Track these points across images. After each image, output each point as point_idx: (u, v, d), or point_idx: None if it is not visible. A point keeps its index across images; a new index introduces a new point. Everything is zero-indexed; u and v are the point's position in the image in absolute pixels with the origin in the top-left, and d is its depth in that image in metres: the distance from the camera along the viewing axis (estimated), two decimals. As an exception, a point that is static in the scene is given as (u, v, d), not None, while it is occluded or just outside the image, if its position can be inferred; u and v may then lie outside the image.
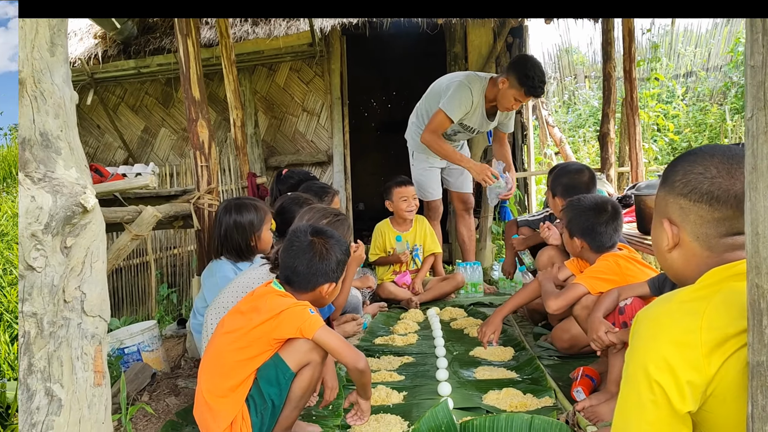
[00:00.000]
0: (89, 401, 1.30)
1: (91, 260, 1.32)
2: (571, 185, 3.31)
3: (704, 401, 1.19)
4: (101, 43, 6.28)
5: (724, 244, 1.31)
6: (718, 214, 1.30)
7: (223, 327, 2.11)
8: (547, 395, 2.48)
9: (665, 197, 1.40)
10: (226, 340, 2.05)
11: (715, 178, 1.31)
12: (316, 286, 2.18)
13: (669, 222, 1.38)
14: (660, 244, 1.42)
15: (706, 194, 1.31)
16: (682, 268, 1.39)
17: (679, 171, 1.37)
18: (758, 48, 1.02)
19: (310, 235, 2.17)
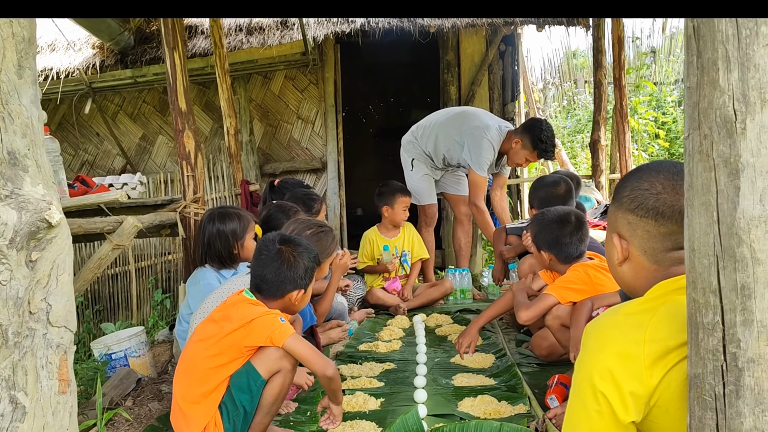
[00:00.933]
0: (54, 408, 1.35)
1: (57, 273, 1.38)
2: (546, 198, 3.38)
3: (648, 412, 1.23)
4: (99, 53, 6.37)
5: (671, 258, 1.35)
6: (664, 229, 1.35)
7: (196, 335, 2.17)
8: (521, 402, 2.52)
9: (615, 212, 1.44)
10: (199, 348, 2.11)
11: (660, 194, 1.35)
12: (285, 294, 2.23)
13: (618, 236, 1.42)
14: (611, 257, 1.47)
15: (652, 210, 1.35)
16: (632, 280, 1.43)
17: (627, 187, 1.41)
18: (693, 70, 1.07)
19: (278, 243, 2.24)
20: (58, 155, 2.62)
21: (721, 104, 1.01)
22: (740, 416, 1.04)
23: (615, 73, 5.36)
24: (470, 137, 4.62)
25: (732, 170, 1.01)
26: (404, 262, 4.81)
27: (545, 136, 4.39)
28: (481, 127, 4.63)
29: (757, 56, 0.99)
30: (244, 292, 2.22)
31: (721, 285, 1.04)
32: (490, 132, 4.59)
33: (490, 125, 4.65)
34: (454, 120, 4.85)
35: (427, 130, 4.94)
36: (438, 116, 5.00)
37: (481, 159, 4.58)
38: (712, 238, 1.05)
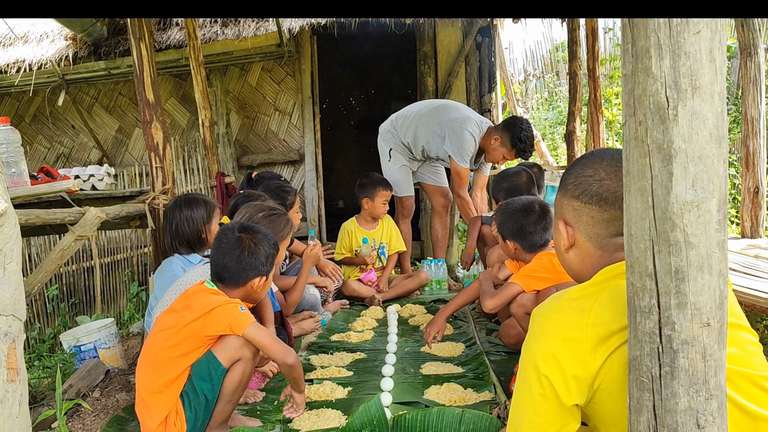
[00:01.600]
0: (2, 396, 1.35)
1: (4, 261, 1.37)
2: (510, 188, 3.41)
3: (592, 395, 1.25)
4: (72, 45, 6.30)
5: (614, 243, 1.37)
6: (607, 215, 1.37)
7: (157, 325, 2.17)
8: (487, 390, 2.55)
9: (561, 199, 1.46)
10: (160, 338, 2.11)
11: (604, 180, 1.37)
12: (247, 281, 2.24)
13: (564, 223, 1.44)
14: (558, 244, 1.48)
15: (596, 196, 1.37)
16: (578, 266, 1.45)
17: (572, 174, 1.43)
18: (628, 58, 1.09)
19: (237, 231, 2.24)
20: (18, 146, 2.60)
21: (654, 91, 1.03)
22: (675, 396, 1.06)
23: (589, 64, 5.39)
24: (451, 129, 4.64)
25: (665, 156, 1.03)
26: (381, 254, 4.81)
27: (524, 136, 4.44)
28: (462, 119, 4.66)
29: (688, 44, 1.01)
30: (205, 283, 2.22)
31: (656, 269, 1.06)
32: (471, 124, 4.62)
33: (471, 117, 4.69)
34: (434, 112, 4.86)
35: (407, 120, 4.94)
36: (418, 107, 5.01)
37: (463, 150, 4.61)
38: (648, 222, 1.06)
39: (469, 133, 4.59)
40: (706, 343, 1.04)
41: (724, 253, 1.04)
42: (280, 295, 3.42)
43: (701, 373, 1.05)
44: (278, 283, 3.51)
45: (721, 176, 1.02)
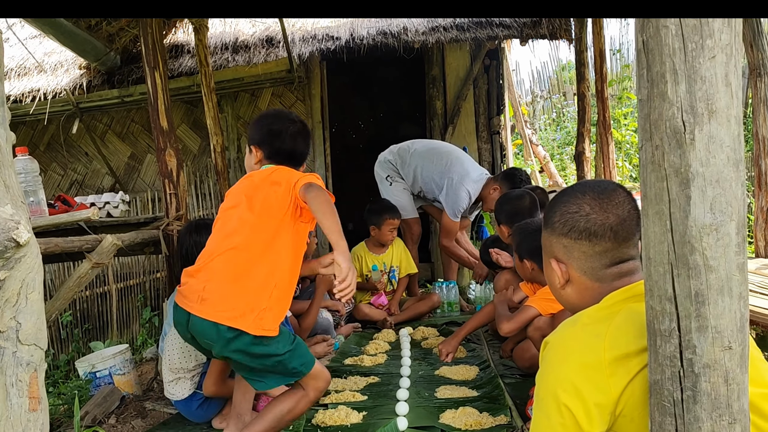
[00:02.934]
0: (24, 426, 1.36)
1: (26, 291, 1.39)
2: (513, 212, 3.40)
3: (614, 421, 1.23)
4: (86, 74, 6.38)
5: (611, 273, 1.37)
6: (599, 248, 1.36)
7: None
8: (503, 413, 2.53)
9: (549, 238, 1.45)
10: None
11: (590, 215, 1.37)
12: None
13: (556, 261, 1.43)
14: (553, 281, 1.47)
15: (584, 231, 1.37)
16: (578, 301, 1.43)
17: (557, 212, 1.43)
18: (644, 83, 1.10)
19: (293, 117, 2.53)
20: (36, 175, 2.63)
21: (671, 116, 1.04)
22: (698, 421, 1.06)
23: (597, 85, 5.41)
24: (450, 183, 4.75)
25: (683, 180, 1.03)
26: (392, 278, 4.81)
27: (524, 186, 4.46)
28: (462, 175, 4.75)
29: (704, 69, 1.02)
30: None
31: (676, 292, 1.06)
32: (469, 182, 4.72)
33: (471, 174, 4.78)
34: (437, 159, 4.93)
35: (407, 157, 5.03)
36: (420, 146, 5.08)
37: (457, 206, 4.72)
38: (666, 246, 1.07)
39: (465, 191, 4.70)
40: (728, 366, 1.03)
41: (744, 276, 1.04)
42: (294, 320, 3.43)
43: (724, 397, 1.04)
44: (292, 308, 3.51)
45: (739, 199, 1.02)
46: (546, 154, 9.64)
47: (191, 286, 2.16)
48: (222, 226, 2.26)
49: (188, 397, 2.66)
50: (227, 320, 2.05)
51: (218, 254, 2.16)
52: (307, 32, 6.22)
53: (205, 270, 2.17)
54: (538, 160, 9.42)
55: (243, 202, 2.24)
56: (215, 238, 2.25)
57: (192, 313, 2.10)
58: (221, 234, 2.23)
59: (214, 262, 2.16)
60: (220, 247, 2.18)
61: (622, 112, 8.41)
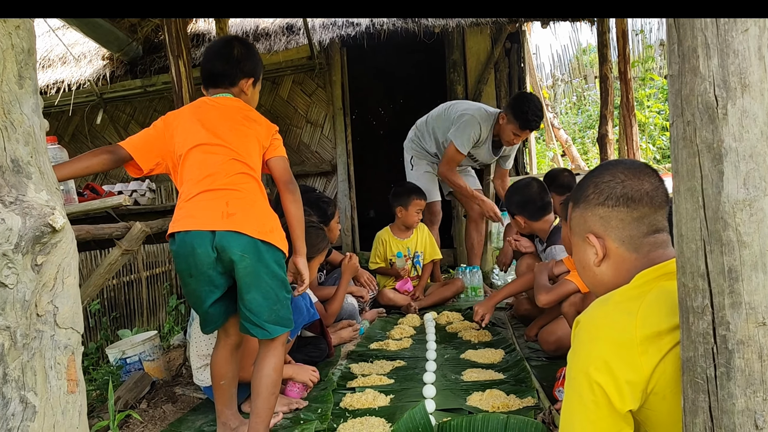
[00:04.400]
0: (63, 408, 1.39)
1: (62, 276, 1.42)
2: (523, 200, 3.39)
3: (645, 399, 1.23)
4: (109, 65, 6.44)
5: (648, 243, 1.36)
6: (636, 213, 1.36)
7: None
8: (530, 395, 2.54)
9: (582, 214, 1.44)
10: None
11: (625, 180, 1.37)
12: (238, 80, 2.43)
13: (593, 236, 1.43)
14: (587, 261, 1.46)
15: (622, 197, 1.37)
16: (612, 277, 1.42)
17: (589, 185, 1.43)
18: (675, 58, 1.09)
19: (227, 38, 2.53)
20: (66, 164, 2.67)
21: (703, 91, 1.03)
22: (732, 398, 1.05)
23: (620, 66, 5.36)
24: (458, 118, 4.73)
25: (715, 155, 1.02)
26: (416, 263, 4.82)
27: (527, 107, 4.44)
28: (469, 108, 4.77)
29: (736, 42, 1.00)
30: (215, 96, 2.40)
31: (708, 269, 1.06)
32: (476, 111, 4.71)
33: (479, 106, 4.80)
34: (446, 110, 4.95)
35: (424, 126, 5.04)
36: (433, 111, 5.09)
37: (464, 134, 4.66)
38: (699, 223, 1.06)
39: (471, 116, 4.67)
40: (763, 342, 1.03)
41: (778, 251, 1.03)
42: (320, 305, 3.45)
43: (758, 374, 1.03)
44: (318, 293, 3.54)
45: (773, 173, 1.01)
46: (567, 138, 9.57)
47: (204, 204, 2.12)
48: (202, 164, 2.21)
49: (217, 382, 2.69)
50: (262, 234, 2.09)
51: (225, 176, 2.17)
52: (327, 19, 6.21)
53: (215, 190, 2.14)
54: (560, 143, 9.35)
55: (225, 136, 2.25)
56: (198, 174, 2.20)
57: (220, 229, 2.07)
58: (204, 171, 2.19)
59: (222, 183, 2.16)
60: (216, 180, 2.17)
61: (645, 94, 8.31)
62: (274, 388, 2.18)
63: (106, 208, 2.65)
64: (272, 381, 2.17)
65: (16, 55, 1.36)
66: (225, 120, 2.26)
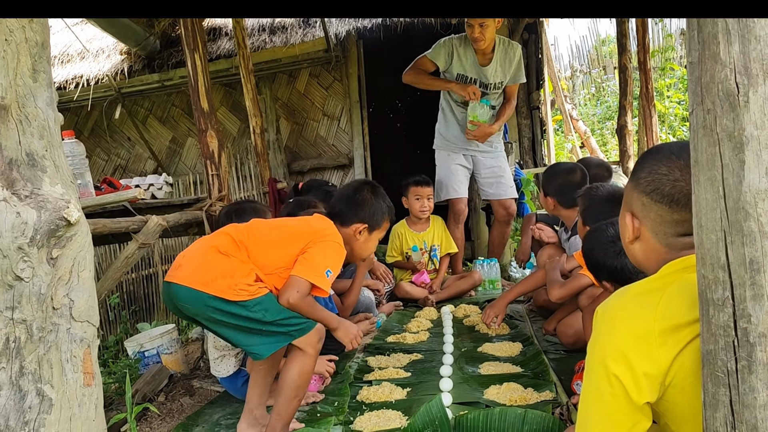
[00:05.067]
0: (79, 400, 1.40)
1: (78, 269, 1.42)
2: (562, 185, 3.34)
3: (664, 391, 1.22)
4: (127, 59, 6.49)
5: (681, 242, 1.34)
6: (677, 216, 1.33)
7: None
8: (547, 389, 2.51)
9: (631, 191, 1.43)
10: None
11: (678, 181, 1.33)
12: (351, 223, 2.42)
13: (631, 215, 1.42)
14: (624, 234, 1.46)
15: (668, 196, 1.33)
16: (642, 259, 1.42)
17: (646, 168, 1.40)
18: (695, 45, 1.07)
19: (363, 183, 2.54)
20: (83, 158, 2.69)
21: (723, 78, 1.00)
22: (753, 391, 1.03)
23: (639, 56, 5.30)
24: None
25: (736, 144, 1.00)
26: (433, 256, 4.80)
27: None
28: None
29: (758, 27, 0.98)
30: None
31: (729, 260, 1.03)
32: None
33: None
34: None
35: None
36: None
37: (433, 47, 4.73)
38: (719, 213, 1.04)
39: (444, 38, 4.72)
40: (785, 335, 1.01)
41: (802, 243, 1.00)
42: (336, 298, 3.45)
43: (780, 367, 1.01)
44: (334, 286, 3.53)
45: (796, 163, 0.99)
46: (586, 129, 9.49)
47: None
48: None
49: (233, 375, 2.70)
50: (201, 285, 2.08)
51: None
52: (342, 11, 6.20)
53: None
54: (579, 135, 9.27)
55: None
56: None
57: (168, 281, 2.14)
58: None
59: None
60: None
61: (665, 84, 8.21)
62: (296, 392, 2.17)
63: (122, 202, 2.66)
64: (295, 384, 2.16)
65: (30, 49, 1.37)
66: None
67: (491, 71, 4.69)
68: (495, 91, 4.80)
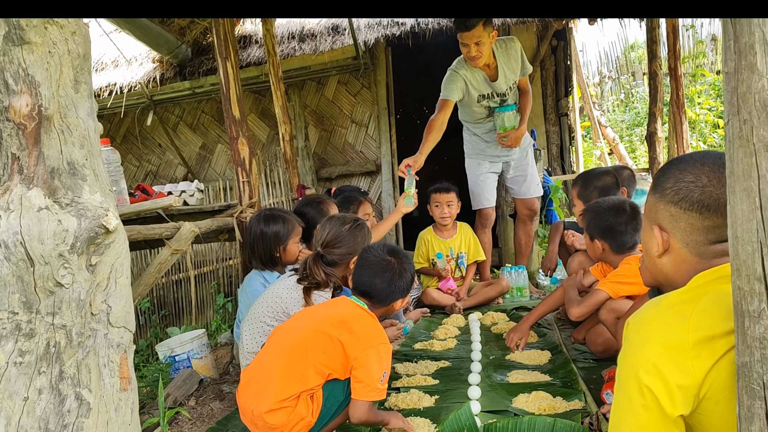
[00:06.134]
0: (116, 405, 1.43)
1: (115, 276, 1.45)
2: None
3: (698, 404, 1.20)
4: (159, 67, 6.59)
5: (713, 250, 1.32)
6: (708, 222, 1.31)
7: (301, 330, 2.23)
8: (576, 398, 2.49)
9: (656, 204, 1.41)
10: (309, 346, 2.16)
11: (706, 186, 1.32)
12: (393, 302, 2.36)
13: (659, 228, 1.39)
14: (650, 249, 1.44)
15: (697, 203, 1.32)
16: (672, 273, 1.40)
17: (671, 178, 1.38)
18: (730, 55, 1.06)
19: (387, 255, 2.36)
20: (118, 165, 2.74)
21: (760, 88, 1.00)
22: (790, 405, 1.02)
23: (670, 62, 5.23)
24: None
25: (773, 155, 0.99)
26: (461, 264, 4.79)
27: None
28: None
29: (796, 37, 0.97)
30: (351, 297, 2.31)
31: (766, 272, 1.02)
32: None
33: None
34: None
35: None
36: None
37: (443, 84, 4.72)
38: (755, 224, 1.03)
39: (449, 69, 4.70)
40: (821, 348, 0.99)
41: (840, 254, 0.99)
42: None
43: (816, 380, 1.00)
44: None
45: (835, 173, 0.98)
46: (615, 136, 9.40)
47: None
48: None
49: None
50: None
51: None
52: (372, 19, 6.24)
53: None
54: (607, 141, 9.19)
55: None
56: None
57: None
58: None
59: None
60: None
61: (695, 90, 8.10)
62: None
63: (156, 209, 2.70)
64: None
65: (72, 61, 1.40)
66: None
67: (502, 80, 4.70)
68: (512, 92, 4.81)
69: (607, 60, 13.45)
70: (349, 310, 2.27)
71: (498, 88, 4.69)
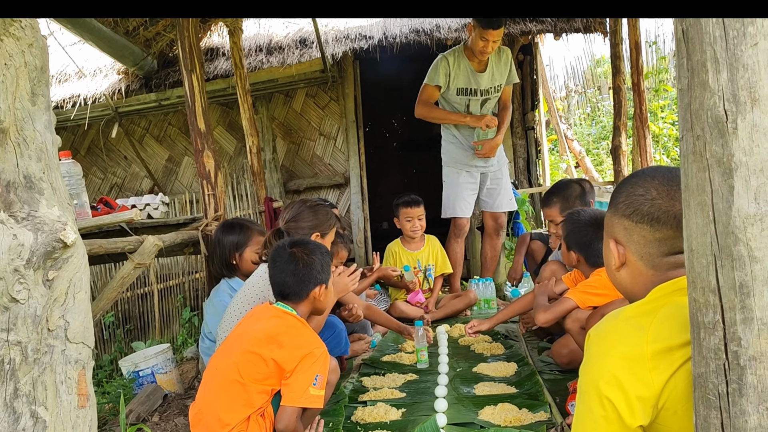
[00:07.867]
0: (73, 422, 1.40)
1: (73, 291, 1.43)
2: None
3: (657, 414, 1.22)
4: (124, 78, 6.52)
5: (667, 262, 1.35)
6: (659, 234, 1.35)
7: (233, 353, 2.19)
8: (542, 410, 2.51)
9: (611, 218, 1.45)
10: (245, 368, 2.14)
11: (655, 199, 1.35)
12: (309, 293, 2.31)
13: (615, 242, 1.43)
14: (609, 262, 1.47)
15: (647, 215, 1.35)
16: (630, 285, 1.43)
17: (623, 193, 1.42)
18: (684, 72, 1.09)
19: (289, 247, 2.31)
20: (80, 178, 2.70)
21: (712, 105, 1.02)
22: (744, 414, 1.04)
23: (633, 78, 5.34)
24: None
25: (725, 170, 1.01)
26: (429, 276, 4.80)
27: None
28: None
29: (746, 56, 1.00)
30: (275, 304, 2.27)
31: (720, 284, 1.04)
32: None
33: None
34: None
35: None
36: None
37: (430, 71, 4.69)
38: (709, 237, 1.05)
39: (439, 57, 4.68)
40: (775, 358, 1.01)
41: (791, 267, 1.02)
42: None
43: (771, 390, 1.02)
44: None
45: (785, 189, 1.00)
46: (581, 149, 9.54)
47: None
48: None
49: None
50: None
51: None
52: (339, 32, 6.27)
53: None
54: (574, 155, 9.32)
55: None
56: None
57: None
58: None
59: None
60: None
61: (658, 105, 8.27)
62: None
63: (119, 222, 2.67)
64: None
65: (29, 73, 1.38)
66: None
67: (487, 76, 4.72)
68: (496, 94, 4.84)
69: (573, 74, 13.68)
70: (274, 322, 2.23)
71: (482, 82, 4.72)
